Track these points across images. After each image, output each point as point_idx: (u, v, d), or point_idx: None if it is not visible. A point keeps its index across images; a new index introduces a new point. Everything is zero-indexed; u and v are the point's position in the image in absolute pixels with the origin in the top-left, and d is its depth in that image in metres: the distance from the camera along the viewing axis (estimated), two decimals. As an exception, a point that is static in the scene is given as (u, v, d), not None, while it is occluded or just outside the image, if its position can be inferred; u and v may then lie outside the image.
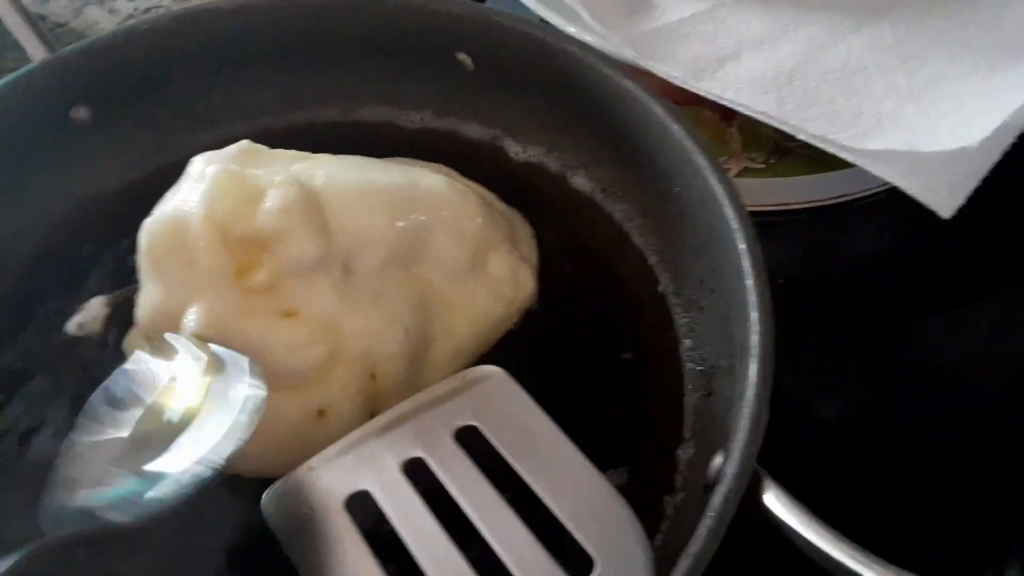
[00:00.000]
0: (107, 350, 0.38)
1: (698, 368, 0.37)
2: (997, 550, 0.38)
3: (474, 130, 0.47)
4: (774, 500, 0.27)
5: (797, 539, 0.26)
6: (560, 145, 0.46)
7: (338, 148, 0.41)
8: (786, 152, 0.47)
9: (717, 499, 0.27)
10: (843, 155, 0.39)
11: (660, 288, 0.41)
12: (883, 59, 0.45)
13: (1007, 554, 0.38)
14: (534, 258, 0.42)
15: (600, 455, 0.32)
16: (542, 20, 0.48)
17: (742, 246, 0.33)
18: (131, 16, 0.59)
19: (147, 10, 0.60)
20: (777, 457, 0.31)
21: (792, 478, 0.30)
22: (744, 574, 0.28)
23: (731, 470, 0.27)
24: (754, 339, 0.31)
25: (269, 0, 0.46)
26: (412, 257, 0.37)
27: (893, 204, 0.44)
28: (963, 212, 0.38)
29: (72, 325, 0.39)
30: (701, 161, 0.36)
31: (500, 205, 0.43)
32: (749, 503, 0.28)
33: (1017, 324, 0.45)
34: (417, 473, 0.31)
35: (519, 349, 0.39)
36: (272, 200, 0.34)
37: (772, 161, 0.47)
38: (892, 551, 0.26)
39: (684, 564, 0.26)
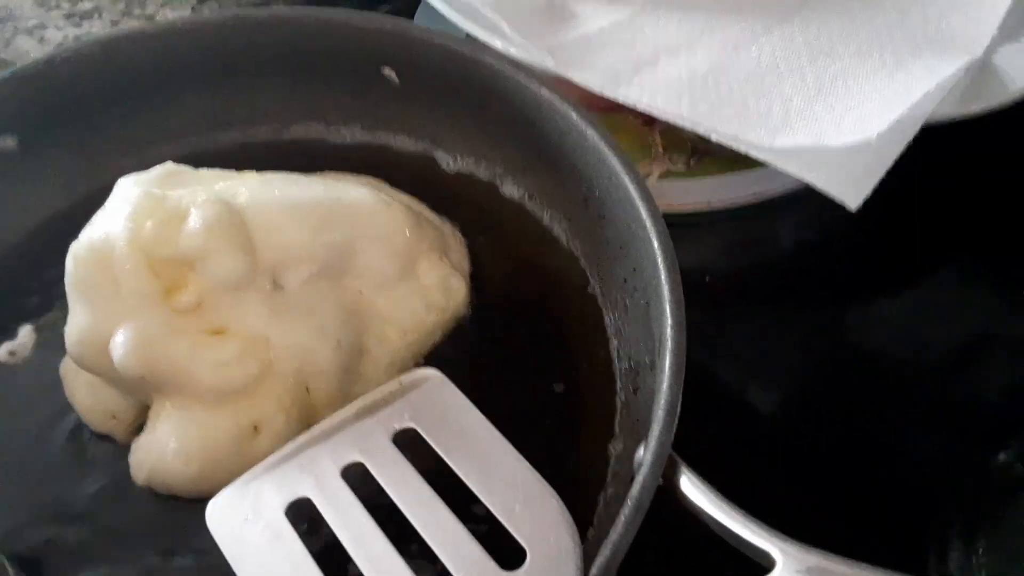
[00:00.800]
0: (39, 375, 0.38)
1: (625, 365, 0.39)
2: (937, 531, 0.40)
3: (404, 143, 0.48)
4: (689, 485, 0.28)
5: (712, 523, 0.27)
6: (489, 155, 0.47)
7: (269, 166, 0.41)
8: (705, 153, 0.49)
9: (635, 488, 0.28)
10: (753, 154, 0.41)
11: (589, 289, 0.42)
12: (793, 58, 0.47)
13: (948, 535, 0.40)
14: (465, 265, 0.42)
15: (535, 455, 0.33)
16: (468, 35, 0.49)
17: (656, 244, 0.34)
18: (62, 45, 0.59)
19: (77, 38, 0.60)
20: (707, 446, 0.32)
21: (722, 467, 0.31)
22: (668, 562, 0.29)
23: (648, 458, 0.29)
24: (668, 332, 0.32)
25: (191, 24, 0.47)
26: (341, 270, 0.38)
27: (812, 199, 0.46)
28: (878, 204, 0.40)
29: (3, 352, 0.39)
30: (616, 164, 0.38)
31: (430, 215, 0.43)
32: (668, 490, 0.29)
33: (933, 310, 0.47)
34: (358, 478, 0.32)
35: (454, 355, 0.40)
36: (194, 220, 0.35)
37: (692, 163, 0.49)
38: (826, 538, 0.27)
39: (605, 552, 0.27)
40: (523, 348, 0.41)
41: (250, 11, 0.48)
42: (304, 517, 0.31)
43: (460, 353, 0.40)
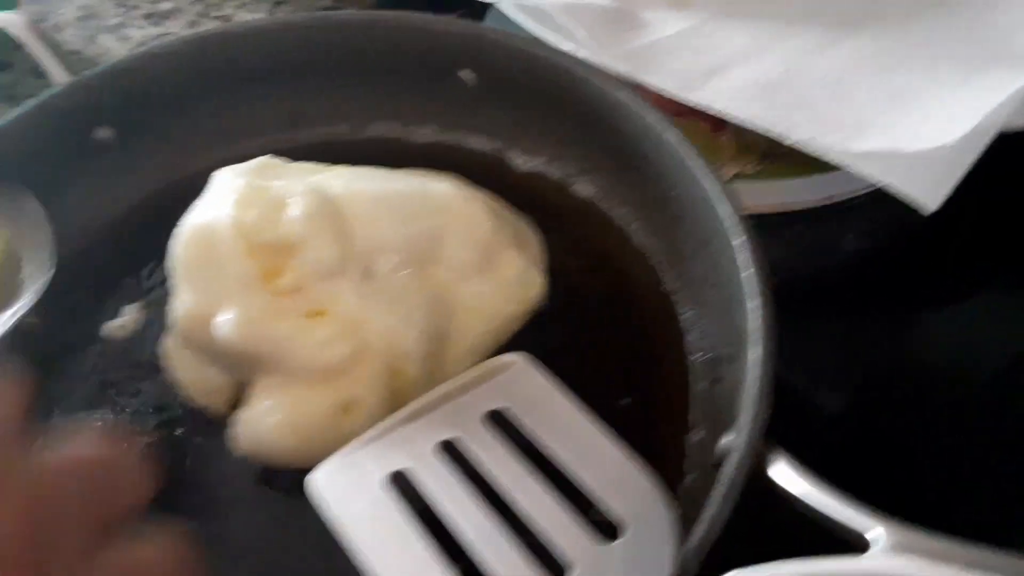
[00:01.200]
0: (142, 352, 0.40)
1: (703, 358, 0.40)
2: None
3: (478, 143, 0.50)
4: (781, 469, 0.29)
5: (804, 506, 0.28)
6: (561, 154, 0.48)
7: (348, 163, 0.43)
8: (776, 157, 0.50)
9: (729, 468, 0.29)
10: (830, 157, 0.42)
11: (663, 287, 0.43)
12: (863, 70, 0.48)
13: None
14: (542, 260, 0.44)
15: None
16: (537, 38, 0.51)
17: (739, 240, 0.35)
18: (142, 43, 0.62)
19: (157, 37, 0.62)
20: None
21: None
22: (755, 548, 0.30)
23: (740, 441, 0.30)
24: (755, 324, 0.33)
25: (276, 24, 0.49)
26: (426, 259, 0.39)
27: (882, 203, 0.47)
28: (951, 208, 0.40)
29: (107, 330, 0.40)
30: (696, 165, 0.39)
31: (506, 211, 0.45)
32: (758, 475, 0.30)
33: (1007, 314, 0.47)
34: (452, 458, 0.33)
35: (529, 346, 0.41)
36: (294, 209, 0.36)
37: (762, 167, 0.50)
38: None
39: (699, 530, 0.28)
40: (597, 341, 0.42)
41: (333, 14, 0.50)
42: (401, 491, 0.32)
43: (535, 345, 0.41)
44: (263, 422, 0.35)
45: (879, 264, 0.49)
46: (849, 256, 0.49)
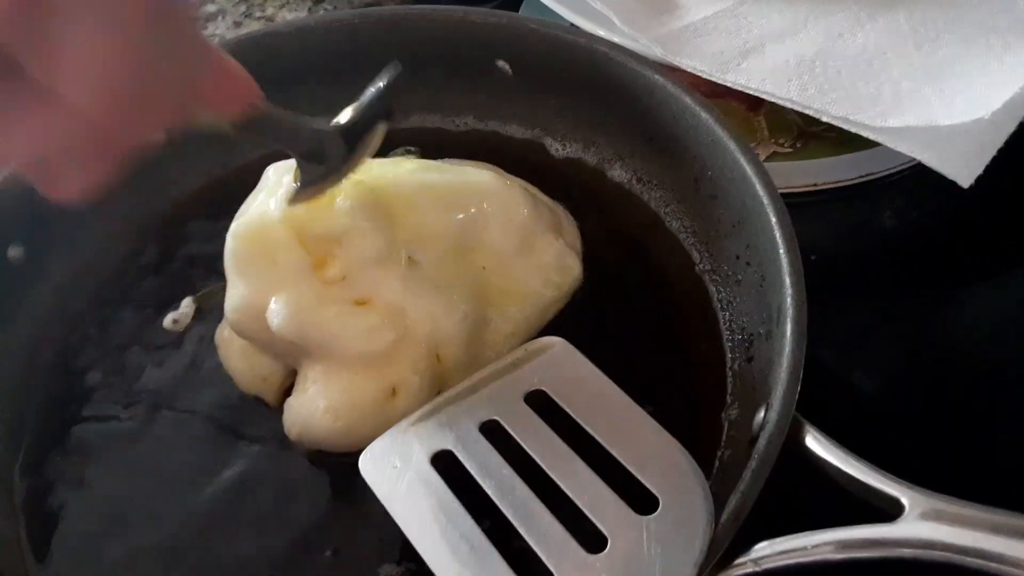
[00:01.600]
0: (198, 342, 0.42)
1: (737, 337, 0.40)
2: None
3: (515, 131, 0.51)
4: (815, 442, 0.30)
5: (838, 475, 0.29)
6: (597, 140, 0.49)
7: (394, 152, 0.44)
8: (811, 136, 0.50)
9: (762, 443, 0.30)
10: (864, 133, 0.42)
11: (697, 267, 0.44)
12: (899, 45, 0.48)
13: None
14: (579, 245, 0.45)
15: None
16: (572, 25, 0.52)
17: (774, 219, 0.36)
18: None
19: (209, 37, 0.64)
20: (813, 416, 0.33)
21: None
22: (793, 518, 0.30)
23: (773, 417, 0.30)
24: (788, 302, 0.33)
25: (320, 22, 0.50)
26: (468, 247, 0.41)
27: (918, 180, 0.47)
28: (988, 184, 0.40)
29: (167, 321, 0.42)
30: (731, 145, 0.39)
31: (544, 198, 0.46)
32: (792, 448, 0.31)
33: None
34: (494, 437, 0.34)
35: (568, 329, 0.42)
36: (341, 202, 0.38)
37: (799, 145, 0.50)
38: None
39: (733, 501, 0.29)
40: (634, 323, 0.43)
41: (374, 10, 0.51)
42: (446, 470, 0.34)
43: (573, 327, 0.42)
44: (312, 408, 0.37)
45: (917, 242, 0.49)
46: (887, 234, 0.49)
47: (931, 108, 0.42)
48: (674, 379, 0.40)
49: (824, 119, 0.43)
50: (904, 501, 0.26)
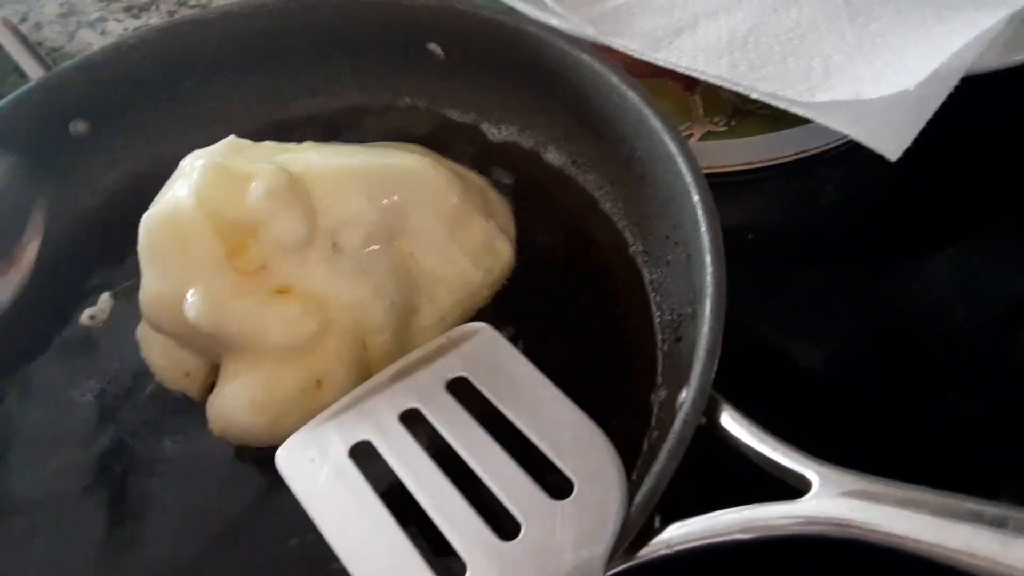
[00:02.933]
0: (118, 339, 0.41)
1: (667, 317, 0.40)
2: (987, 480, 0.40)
3: (451, 113, 0.50)
4: (731, 421, 0.30)
5: (751, 453, 0.29)
6: (532, 123, 0.48)
7: (323, 138, 0.43)
8: (746, 114, 0.49)
9: (677, 424, 0.29)
10: (793, 109, 0.41)
11: (630, 249, 0.43)
12: (833, 18, 0.47)
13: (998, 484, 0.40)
14: (511, 229, 0.44)
15: (581, 405, 0.34)
16: (510, 8, 0.51)
17: (696, 197, 0.36)
18: (121, 36, 0.62)
19: (136, 30, 0.63)
20: (751, 395, 0.33)
21: (765, 410, 0.32)
22: (710, 495, 0.30)
23: (690, 397, 0.30)
24: (708, 280, 0.33)
25: (246, 8, 0.49)
26: (394, 232, 0.40)
27: (855, 154, 0.46)
28: (925, 157, 0.40)
29: (85, 317, 0.41)
30: (656, 124, 0.39)
31: (477, 180, 0.45)
32: (710, 426, 0.30)
33: (975, 266, 0.47)
34: (416, 425, 0.34)
35: (501, 313, 0.42)
36: (257, 186, 0.37)
37: (733, 123, 0.49)
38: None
39: (648, 483, 0.29)
40: (567, 306, 0.42)
41: (301, -7, 0.50)
42: (366, 461, 0.33)
43: (506, 312, 0.42)
44: (234, 403, 0.36)
45: (855, 216, 0.49)
46: (825, 209, 0.49)
47: (860, 82, 0.42)
48: (606, 361, 0.40)
49: (753, 95, 0.42)
50: (811, 478, 0.26)
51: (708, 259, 0.33)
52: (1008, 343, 0.45)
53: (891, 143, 0.39)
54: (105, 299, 0.42)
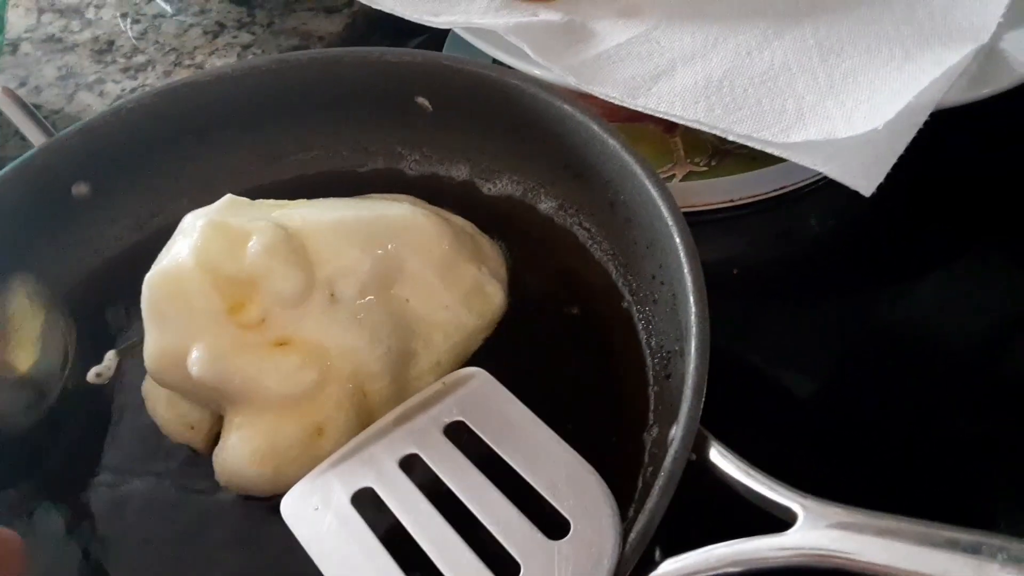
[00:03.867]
0: (123, 395, 0.42)
1: (657, 356, 0.41)
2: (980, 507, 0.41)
3: (440, 164, 0.51)
4: (719, 456, 0.31)
5: (739, 487, 0.30)
6: (520, 171, 0.50)
7: (319, 195, 0.45)
8: (726, 153, 0.51)
9: (667, 461, 0.30)
10: (768, 149, 0.43)
11: (619, 289, 0.44)
12: (805, 59, 0.49)
13: (994, 511, 0.41)
14: (502, 273, 0.45)
15: (574, 445, 0.35)
16: (495, 61, 0.53)
17: (677, 239, 0.37)
18: (119, 97, 0.64)
19: (134, 89, 0.65)
20: (740, 428, 0.34)
21: (754, 445, 0.33)
22: (702, 531, 0.31)
23: (679, 434, 0.31)
24: (692, 317, 0.34)
25: (237, 69, 0.51)
26: (389, 281, 0.41)
27: (832, 191, 0.48)
28: (900, 192, 0.41)
29: (91, 375, 0.43)
30: (637, 169, 0.40)
31: (468, 227, 0.46)
32: (700, 464, 0.31)
33: (956, 294, 0.48)
34: (416, 470, 0.35)
35: (495, 357, 0.43)
36: (255, 243, 0.38)
37: (714, 163, 0.51)
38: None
39: (642, 520, 0.30)
40: (558, 348, 0.43)
41: (293, 55, 0.52)
42: (368, 507, 0.34)
43: (500, 355, 0.43)
44: (238, 454, 0.37)
45: (835, 250, 0.50)
46: (805, 244, 0.50)
47: (832, 121, 0.44)
48: (598, 401, 0.41)
49: (730, 138, 0.44)
50: (797, 510, 0.27)
51: (691, 299, 0.35)
52: (991, 368, 0.46)
53: (864, 179, 0.41)
54: (110, 356, 0.43)
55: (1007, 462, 0.42)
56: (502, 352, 0.43)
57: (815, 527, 0.26)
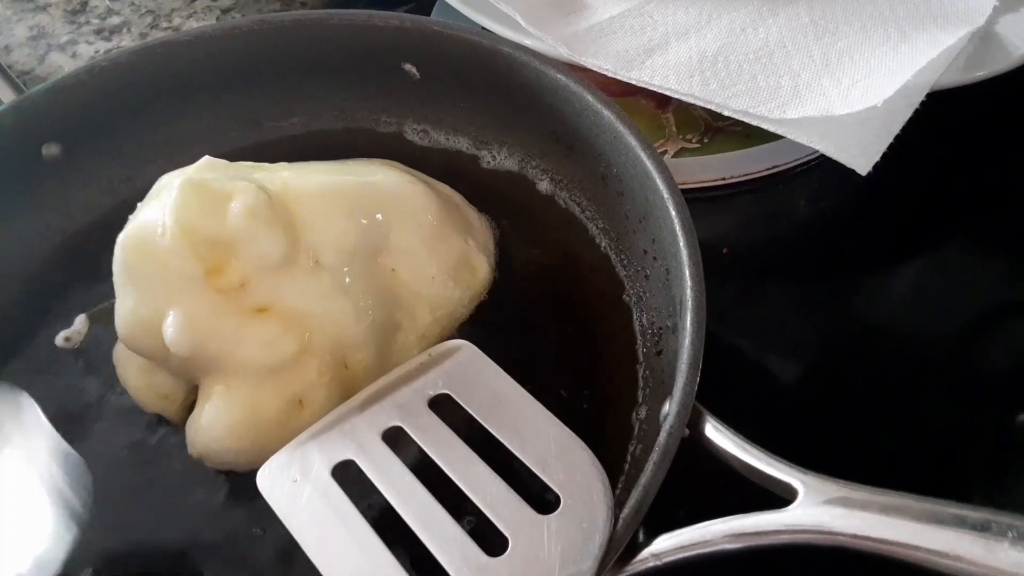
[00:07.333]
0: (93, 361, 0.40)
1: (648, 331, 0.40)
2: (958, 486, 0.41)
3: (427, 133, 0.50)
4: (715, 432, 0.30)
5: (736, 463, 0.29)
6: (508, 142, 0.49)
7: (299, 158, 0.43)
8: (718, 131, 0.50)
9: (662, 436, 0.30)
10: (764, 126, 0.42)
11: (609, 264, 0.43)
12: (800, 37, 0.48)
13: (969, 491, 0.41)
14: (490, 245, 0.44)
15: (563, 420, 0.34)
16: (483, 29, 0.51)
17: (673, 213, 0.36)
18: (93, 59, 0.62)
19: (108, 51, 0.62)
20: (729, 405, 0.33)
21: (744, 420, 0.32)
22: (696, 507, 0.30)
23: (674, 409, 0.30)
24: (688, 294, 0.33)
25: (221, 30, 0.49)
26: (374, 249, 0.40)
27: (826, 169, 0.47)
28: (893, 171, 0.41)
29: (60, 339, 0.41)
30: (632, 141, 0.39)
31: (454, 197, 0.45)
32: (694, 439, 0.31)
33: (947, 276, 0.48)
34: (399, 443, 0.34)
35: (481, 330, 0.42)
36: (237, 203, 0.36)
37: (706, 140, 0.50)
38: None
39: (635, 496, 0.29)
40: (547, 323, 0.42)
41: (275, 15, 0.50)
42: (348, 480, 0.33)
43: (487, 328, 0.42)
44: (213, 425, 0.36)
45: (827, 230, 0.50)
46: (797, 223, 0.50)
47: (828, 99, 0.43)
48: (588, 376, 0.40)
49: (725, 113, 0.43)
50: (797, 486, 0.26)
51: (687, 272, 0.34)
52: (979, 347, 0.46)
53: (861, 158, 0.40)
54: (81, 320, 0.41)
55: (987, 439, 0.42)
56: (488, 325, 0.42)
57: (816, 503, 0.26)
